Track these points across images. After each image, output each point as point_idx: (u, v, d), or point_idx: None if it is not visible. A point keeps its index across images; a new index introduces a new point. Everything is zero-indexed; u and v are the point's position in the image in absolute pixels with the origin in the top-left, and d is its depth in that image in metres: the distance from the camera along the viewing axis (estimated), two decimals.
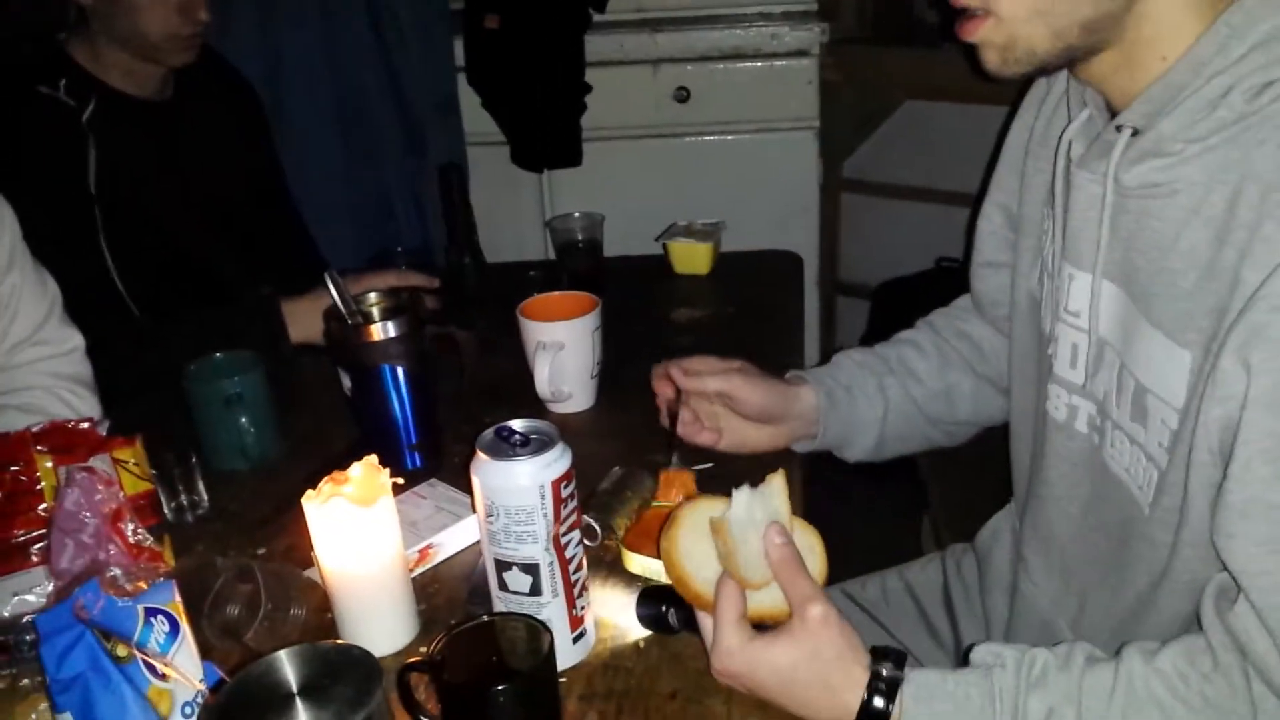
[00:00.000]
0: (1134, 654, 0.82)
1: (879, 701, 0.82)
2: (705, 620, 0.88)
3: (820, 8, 2.51)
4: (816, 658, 0.84)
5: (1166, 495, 0.87)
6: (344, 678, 0.64)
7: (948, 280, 2.52)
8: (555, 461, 0.88)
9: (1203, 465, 0.81)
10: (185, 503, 1.17)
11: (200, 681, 0.78)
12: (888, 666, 0.84)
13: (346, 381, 1.20)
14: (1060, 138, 0.96)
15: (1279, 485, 0.74)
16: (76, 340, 1.27)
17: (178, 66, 1.58)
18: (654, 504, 1.11)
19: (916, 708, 0.82)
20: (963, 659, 0.89)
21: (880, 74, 2.63)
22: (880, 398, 1.22)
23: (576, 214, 1.71)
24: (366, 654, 0.67)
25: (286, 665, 0.65)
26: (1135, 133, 0.85)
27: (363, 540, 0.92)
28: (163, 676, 0.75)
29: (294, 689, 0.64)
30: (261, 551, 1.11)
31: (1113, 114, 0.90)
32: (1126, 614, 0.95)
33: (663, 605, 0.95)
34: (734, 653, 0.85)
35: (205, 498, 1.18)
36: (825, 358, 1.19)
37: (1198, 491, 0.82)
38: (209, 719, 0.63)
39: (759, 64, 2.51)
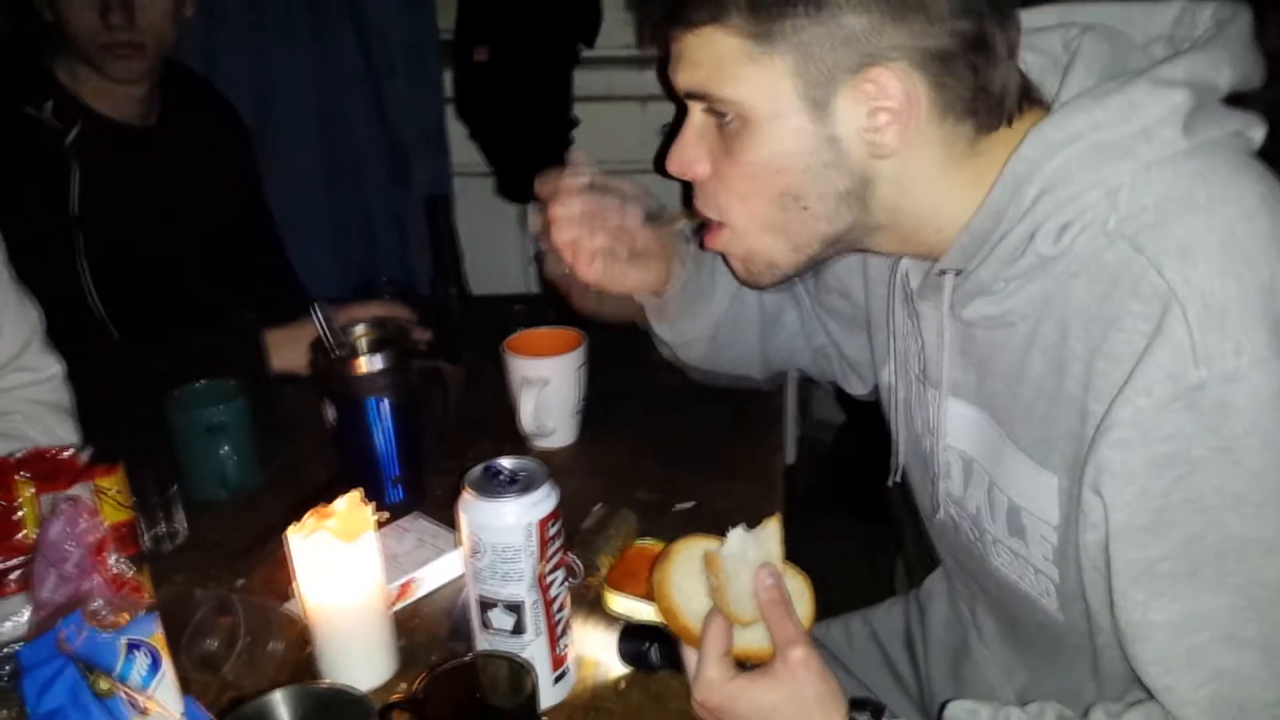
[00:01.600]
0: (1100, 716, 0.83)
1: None
2: (690, 654, 0.88)
3: None
4: (797, 699, 0.84)
5: (1072, 601, 0.88)
6: (336, 719, 0.64)
7: None
8: (543, 500, 0.88)
9: (1095, 583, 0.83)
10: (164, 532, 1.16)
11: (182, 716, 0.78)
12: (865, 716, 0.85)
13: (330, 413, 1.20)
14: (895, 268, 0.96)
15: (1159, 604, 0.76)
16: (57, 368, 1.26)
17: (124, 81, 1.53)
18: (637, 543, 1.11)
19: None
20: (935, 707, 0.89)
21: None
22: (734, 287, 1.17)
23: None
24: (359, 695, 0.67)
25: (280, 705, 0.65)
26: (959, 272, 0.85)
27: (345, 575, 0.92)
28: (144, 711, 0.75)
29: None
30: (240, 583, 1.10)
31: (927, 259, 0.89)
32: (1071, 692, 0.95)
33: (644, 642, 0.95)
34: (716, 686, 0.85)
35: (184, 527, 1.17)
36: (804, 394, 1.18)
37: (1099, 605, 0.84)
38: None
39: None
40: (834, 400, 2.72)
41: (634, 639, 0.96)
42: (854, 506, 2.38)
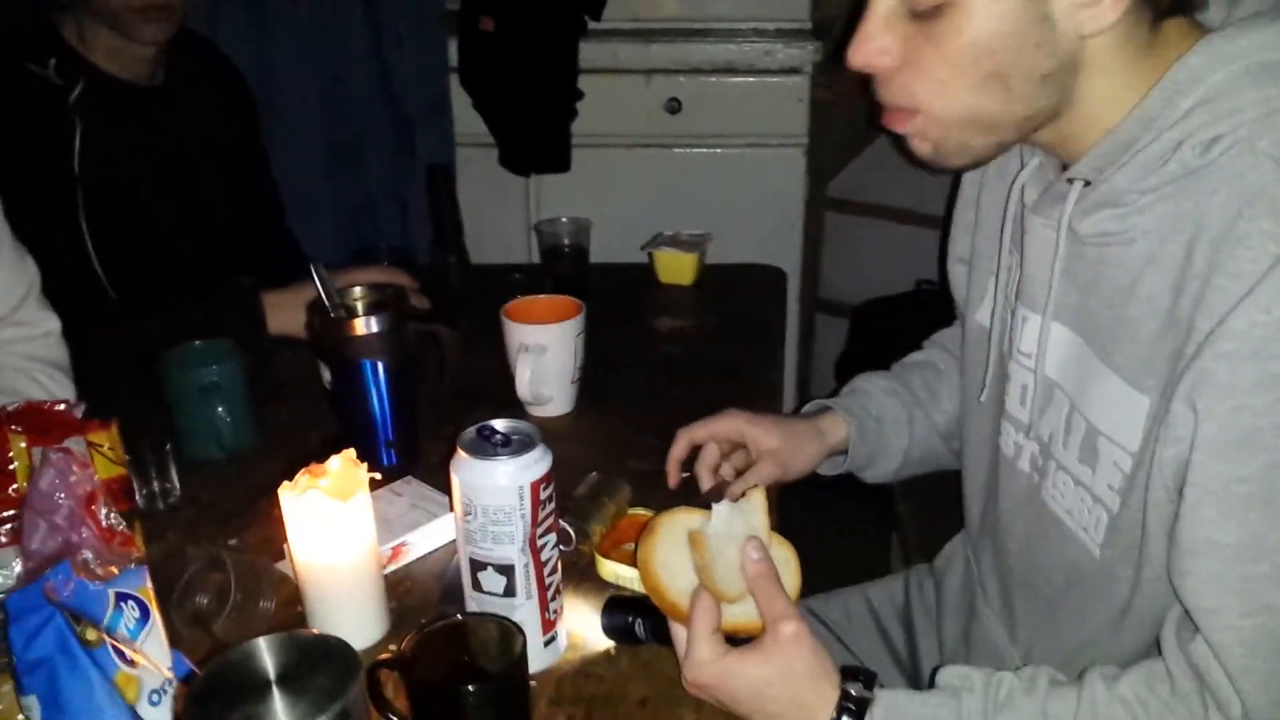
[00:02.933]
0: (1095, 679, 0.83)
1: None
2: (679, 631, 0.88)
3: (814, 26, 2.52)
4: (788, 674, 0.84)
5: (1122, 535, 0.87)
6: (321, 668, 0.63)
7: (927, 302, 2.54)
8: (536, 463, 0.88)
9: (1159, 505, 0.82)
10: (157, 490, 1.16)
11: (169, 669, 0.78)
12: (857, 686, 0.85)
13: (326, 375, 1.20)
14: (1013, 182, 0.96)
15: (1226, 525, 0.76)
16: (53, 324, 1.26)
17: (150, 43, 1.54)
18: (631, 511, 1.11)
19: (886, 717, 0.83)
20: (924, 680, 0.89)
21: (869, 96, 2.65)
22: (907, 429, 1.22)
23: (564, 219, 1.71)
24: (344, 644, 0.67)
25: (265, 653, 0.65)
26: (1087, 183, 0.85)
27: (337, 535, 0.92)
28: (131, 662, 0.75)
29: (271, 677, 0.64)
30: (233, 542, 1.10)
31: (1063, 164, 0.90)
32: (1083, 644, 0.95)
33: (629, 615, 0.95)
34: (706, 665, 0.85)
35: (177, 486, 1.17)
36: (804, 373, 1.18)
37: (1157, 531, 0.83)
38: (189, 703, 0.62)
39: (751, 79, 2.52)
40: (833, 380, 2.72)
41: (618, 612, 0.96)
42: (851, 484, 2.38)
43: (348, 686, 0.62)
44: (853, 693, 0.84)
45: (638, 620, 0.94)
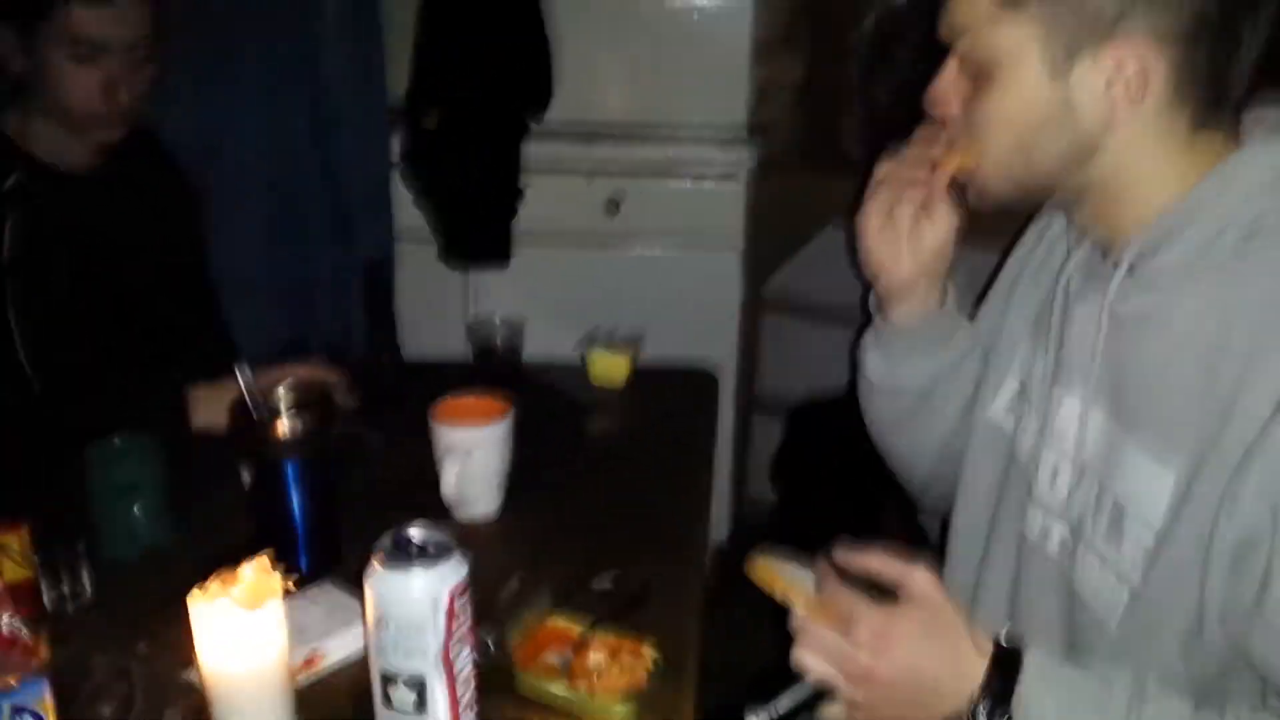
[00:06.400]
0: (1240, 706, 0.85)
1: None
2: (817, 629, 0.88)
3: (750, 128, 2.60)
4: (939, 616, 0.87)
5: (1140, 610, 0.90)
6: None
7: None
8: (451, 573, 0.88)
9: (1182, 580, 0.85)
10: (67, 591, 1.13)
11: None
12: (1005, 637, 0.86)
13: (245, 475, 1.19)
14: (1060, 271, 1.03)
15: None
16: None
17: (101, 141, 1.57)
18: (550, 620, 1.10)
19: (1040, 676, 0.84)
20: None
21: (804, 198, 2.72)
22: (966, 344, 1.19)
23: (498, 318, 1.72)
24: None
25: None
26: (1130, 267, 0.91)
27: (247, 643, 0.90)
28: None
29: None
30: (142, 646, 1.07)
31: (1104, 251, 0.97)
32: None
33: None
34: (883, 631, 0.85)
35: (88, 587, 1.14)
36: (739, 473, 1.18)
37: (1174, 606, 0.87)
38: None
39: (689, 184, 2.58)
40: (768, 479, 2.73)
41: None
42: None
43: None
44: (1004, 643, 0.85)
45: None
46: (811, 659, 0.88)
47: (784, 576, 0.91)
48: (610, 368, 1.75)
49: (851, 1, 2.80)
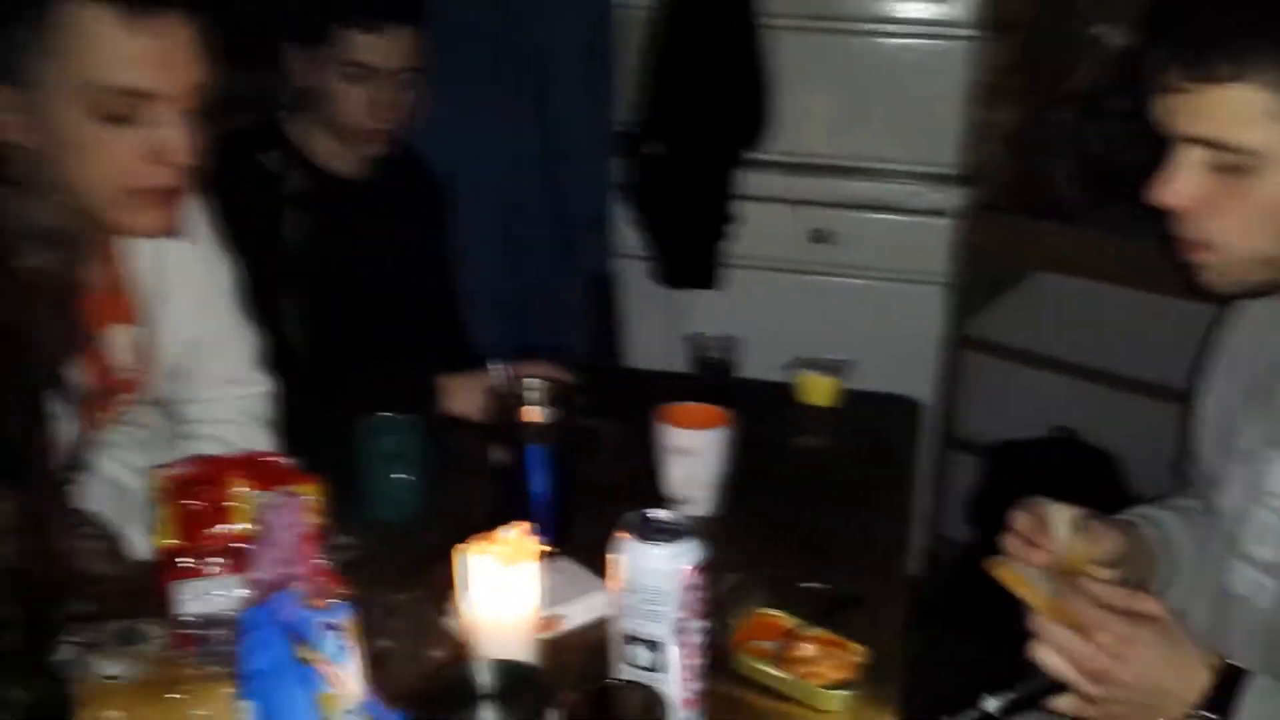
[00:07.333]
0: None
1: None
2: (1056, 628, 0.93)
3: (962, 173, 2.63)
4: (1172, 631, 0.92)
5: None
6: (523, 691, 0.73)
7: (1061, 449, 2.55)
8: (690, 552, 0.98)
9: None
10: (339, 543, 1.28)
11: (362, 695, 0.88)
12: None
13: (496, 455, 1.32)
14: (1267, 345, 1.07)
15: None
16: (268, 385, 1.42)
17: (367, 155, 1.77)
18: (764, 611, 1.18)
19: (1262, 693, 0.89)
20: None
21: (1015, 242, 2.72)
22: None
23: (714, 334, 1.82)
24: (542, 673, 0.77)
25: (477, 672, 0.75)
26: None
27: (506, 597, 1.02)
28: (333, 684, 0.86)
29: (482, 693, 0.74)
30: (402, 596, 1.21)
31: None
32: None
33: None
34: (1126, 638, 0.90)
35: (357, 541, 1.29)
36: (936, 510, 1.22)
37: None
38: (419, 703, 0.73)
39: (896, 217, 2.63)
40: (964, 520, 2.72)
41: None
42: (980, 630, 2.35)
43: (546, 709, 0.72)
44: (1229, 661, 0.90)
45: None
46: (1049, 656, 0.93)
47: (1025, 578, 0.97)
48: (819, 388, 1.82)
49: (1070, 48, 2.78)
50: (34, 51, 1.02)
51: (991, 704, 0.95)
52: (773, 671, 1.08)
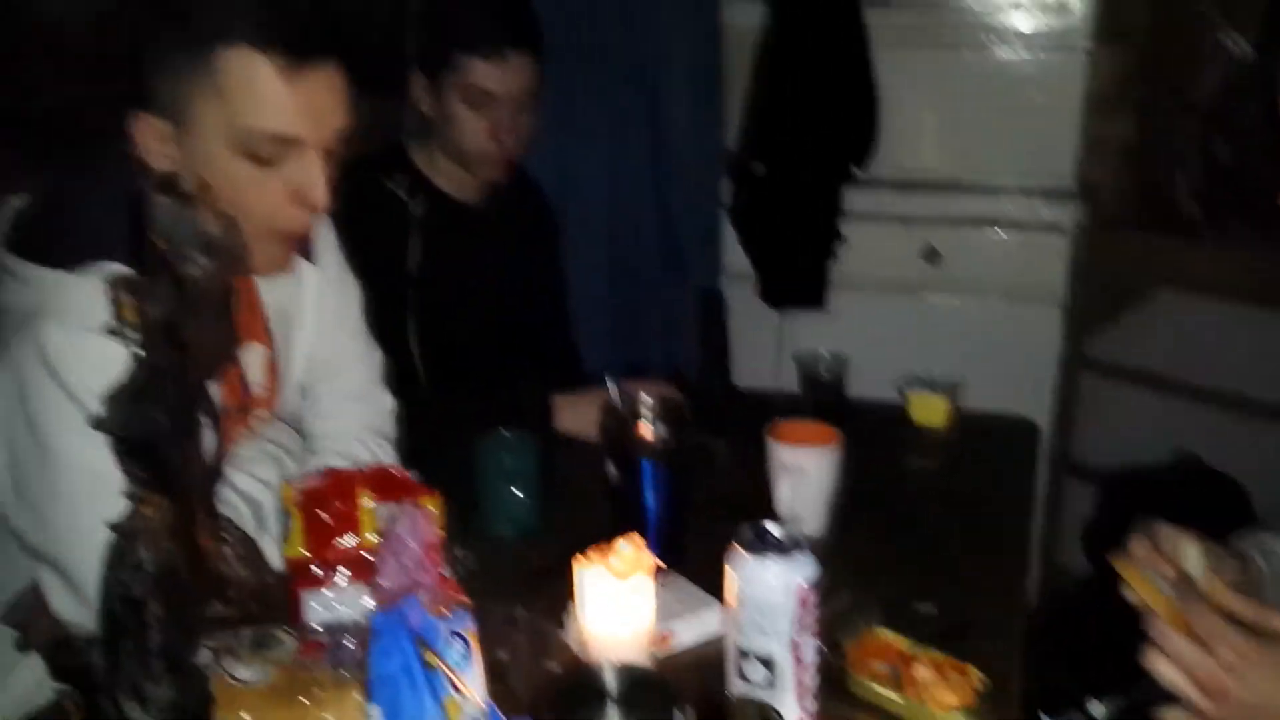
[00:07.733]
0: None
1: None
2: (1177, 638, 0.92)
3: (1079, 188, 2.57)
4: None
5: None
6: (650, 695, 0.75)
7: (1184, 476, 2.45)
8: (804, 568, 0.98)
9: None
10: (457, 557, 1.32)
11: (484, 703, 0.91)
12: None
13: (611, 470, 1.34)
14: None
15: None
16: (390, 402, 1.47)
17: (488, 180, 1.82)
18: (877, 630, 1.17)
19: None
20: None
21: (1135, 259, 2.65)
22: None
23: (824, 352, 1.81)
24: (666, 680, 0.78)
25: (606, 674, 0.77)
26: None
27: (620, 610, 1.04)
28: (457, 690, 0.88)
29: (610, 694, 0.76)
30: (520, 609, 1.24)
31: None
32: None
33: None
34: (1249, 657, 0.88)
35: (474, 555, 1.33)
36: (1050, 537, 1.18)
37: None
38: (547, 703, 0.75)
39: (1009, 236, 2.58)
40: (1080, 548, 2.64)
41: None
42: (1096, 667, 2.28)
43: (673, 714, 0.74)
44: None
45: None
46: (1165, 665, 0.91)
47: (1150, 583, 0.94)
48: (930, 409, 1.80)
49: (1190, 58, 2.70)
50: (194, 92, 1.08)
51: (1098, 709, 0.93)
52: (891, 695, 1.07)
